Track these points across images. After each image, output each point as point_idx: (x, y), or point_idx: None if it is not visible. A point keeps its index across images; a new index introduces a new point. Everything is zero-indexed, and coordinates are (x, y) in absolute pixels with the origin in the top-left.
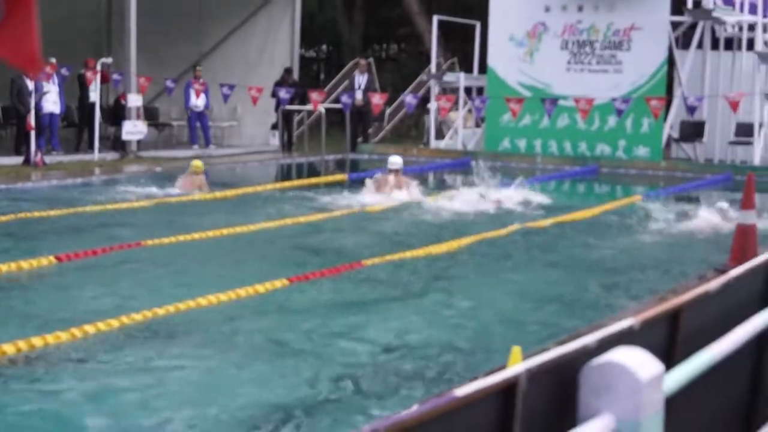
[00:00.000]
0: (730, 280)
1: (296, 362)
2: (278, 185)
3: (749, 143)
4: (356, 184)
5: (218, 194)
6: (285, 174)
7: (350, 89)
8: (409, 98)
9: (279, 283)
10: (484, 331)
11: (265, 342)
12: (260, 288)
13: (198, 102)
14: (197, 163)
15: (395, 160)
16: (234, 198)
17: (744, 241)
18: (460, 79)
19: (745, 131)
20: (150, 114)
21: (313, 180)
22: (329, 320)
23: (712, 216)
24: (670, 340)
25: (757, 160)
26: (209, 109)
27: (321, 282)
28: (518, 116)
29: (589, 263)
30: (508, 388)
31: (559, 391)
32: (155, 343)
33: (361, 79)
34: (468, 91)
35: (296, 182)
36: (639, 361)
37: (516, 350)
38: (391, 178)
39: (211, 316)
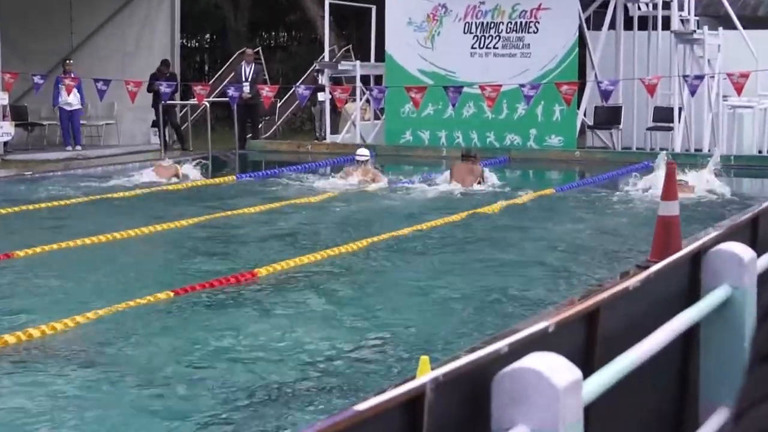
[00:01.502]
0: (651, 276)
1: (189, 383)
2: (158, 189)
3: (669, 129)
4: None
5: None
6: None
7: (237, 81)
8: (301, 90)
9: (163, 296)
10: (396, 339)
11: (154, 362)
12: (141, 301)
13: (70, 99)
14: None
15: (363, 152)
16: (104, 201)
17: (666, 235)
18: (356, 67)
19: (663, 116)
20: (17, 113)
21: (200, 182)
22: (209, 337)
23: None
24: (588, 342)
25: (677, 146)
26: (84, 106)
27: (211, 293)
28: (420, 106)
29: (504, 261)
30: (414, 400)
31: (470, 401)
32: (31, 367)
33: (248, 70)
34: (365, 80)
35: (185, 184)
36: (555, 367)
37: (424, 360)
38: (360, 170)
39: (91, 333)
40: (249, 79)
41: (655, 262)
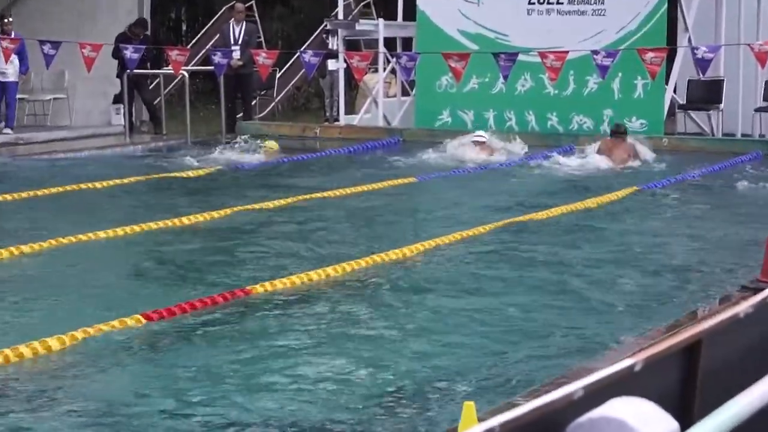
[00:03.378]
0: (766, 300)
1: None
2: (122, 181)
3: None
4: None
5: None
6: (132, 167)
7: (224, 45)
8: (307, 57)
9: (131, 321)
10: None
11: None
12: (103, 328)
13: (6, 67)
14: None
15: (481, 133)
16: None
17: None
18: (379, 27)
19: None
20: None
21: (174, 173)
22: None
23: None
24: (685, 385)
25: None
26: (26, 75)
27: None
28: (462, 79)
29: (577, 274)
30: None
31: None
32: None
33: (238, 31)
34: (390, 44)
35: (152, 175)
36: (644, 416)
37: (468, 407)
38: (477, 149)
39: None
40: (239, 43)
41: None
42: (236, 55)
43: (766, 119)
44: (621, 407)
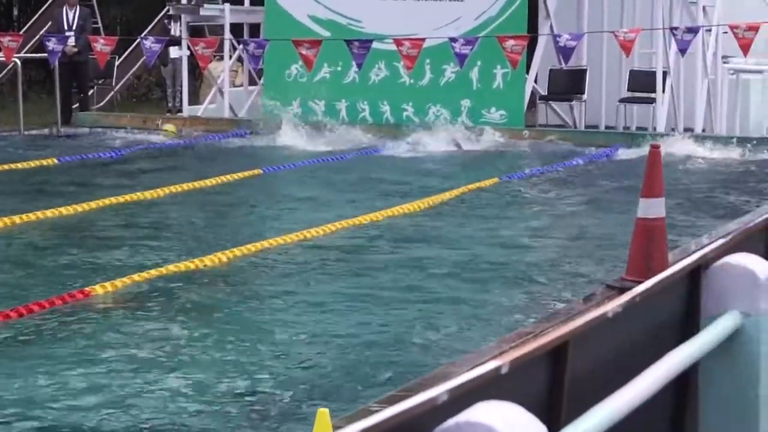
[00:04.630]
0: (635, 300)
1: None
2: None
3: (649, 101)
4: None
5: None
6: None
7: (58, 31)
8: (148, 43)
9: None
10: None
11: None
12: None
13: None
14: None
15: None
16: None
17: (648, 245)
18: (225, 12)
19: (643, 83)
20: None
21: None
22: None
23: None
24: (553, 387)
25: (661, 124)
26: None
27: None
28: (313, 67)
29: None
30: None
31: None
32: None
33: (72, 16)
34: (237, 30)
35: None
36: (512, 421)
37: (322, 414)
38: None
39: None
40: (74, 28)
41: (633, 280)
42: (71, 41)
43: (630, 110)
44: (488, 411)
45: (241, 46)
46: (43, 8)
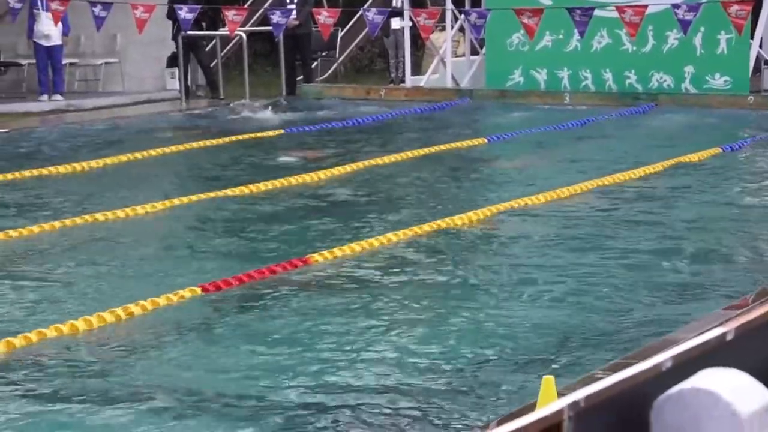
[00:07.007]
0: None
1: None
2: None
3: None
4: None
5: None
6: (190, 132)
7: (280, 4)
8: (371, 15)
9: (187, 294)
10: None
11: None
12: (159, 301)
13: (48, 30)
14: None
15: None
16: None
17: None
18: None
19: None
20: None
21: (236, 137)
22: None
23: None
24: None
25: None
26: (67, 38)
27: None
28: (535, 36)
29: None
30: None
31: None
32: None
33: None
34: (458, 0)
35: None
36: (737, 388)
37: (548, 381)
38: None
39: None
40: (296, 1)
41: None
42: (293, 14)
43: None
44: (713, 379)
45: (462, 16)
46: None
